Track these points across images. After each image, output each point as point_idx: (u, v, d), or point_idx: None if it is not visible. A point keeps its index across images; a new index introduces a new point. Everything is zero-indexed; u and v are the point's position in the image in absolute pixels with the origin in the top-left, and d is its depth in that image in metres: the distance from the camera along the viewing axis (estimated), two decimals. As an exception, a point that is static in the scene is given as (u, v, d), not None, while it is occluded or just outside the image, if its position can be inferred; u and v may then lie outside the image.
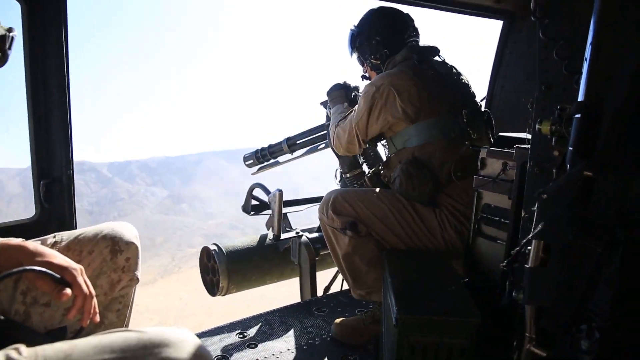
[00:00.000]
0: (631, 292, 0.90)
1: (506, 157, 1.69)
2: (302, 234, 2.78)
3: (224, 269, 2.62)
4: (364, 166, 2.64)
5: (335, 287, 2.92)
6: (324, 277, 2.91)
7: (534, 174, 1.38)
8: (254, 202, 2.93)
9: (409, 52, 2.16)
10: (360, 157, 2.64)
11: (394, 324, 1.45)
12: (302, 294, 2.82)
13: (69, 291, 1.06)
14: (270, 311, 2.51)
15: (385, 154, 2.19)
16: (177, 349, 0.84)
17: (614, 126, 0.99)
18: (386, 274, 1.79)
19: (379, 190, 2.13)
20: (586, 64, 1.04)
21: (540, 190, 1.04)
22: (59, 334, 1.31)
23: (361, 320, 2.19)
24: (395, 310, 1.45)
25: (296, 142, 2.78)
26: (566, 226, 0.98)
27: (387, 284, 1.71)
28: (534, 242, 1.07)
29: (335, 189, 2.20)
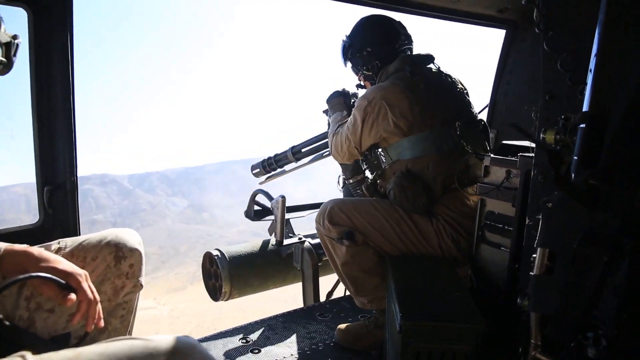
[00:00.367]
0: (637, 300, 0.91)
1: (510, 165, 1.71)
2: (304, 239, 2.79)
3: (226, 274, 2.62)
4: (367, 172, 2.65)
5: (338, 293, 2.92)
6: (326, 282, 2.91)
7: (538, 182, 1.39)
8: (256, 208, 2.94)
9: (401, 62, 2.14)
10: (362, 164, 2.65)
11: (398, 331, 1.45)
12: (304, 299, 2.82)
13: (73, 296, 1.07)
14: (273, 316, 2.52)
15: (382, 162, 2.19)
16: (183, 357, 0.84)
17: (618, 135, 1.00)
18: (390, 280, 1.80)
19: (376, 199, 2.13)
20: (591, 75, 1.06)
21: (545, 198, 1.06)
22: (63, 340, 1.31)
23: (364, 325, 2.19)
24: (399, 316, 1.46)
25: (301, 150, 2.80)
26: (571, 234, 0.99)
27: (391, 290, 1.71)
28: (539, 250, 1.08)
29: (331, 199, 2.19)
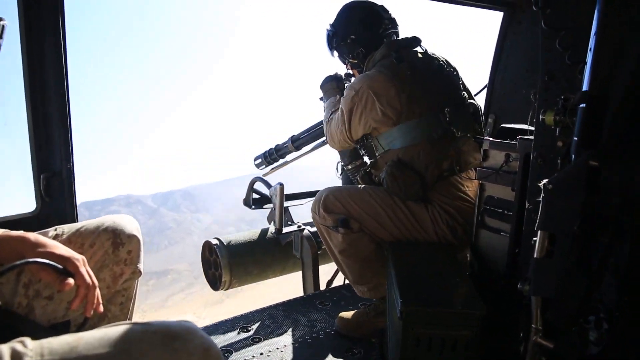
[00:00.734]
0: (638, 281, 0.90)
1: (509, 149, 1.69)
2: (304, 227, 2.78)
3: (225, 263, 2.62)
4: (365, 158, 2.63)
5: (338, 281, 2.92)
6: (327, 270, 2.91)
7: (537, 165, 1.37)
8: (255, 196, 2.93)
9: (387, 48, 2.11)
10: (360, 149, 2.63)
11: (399, 317, 1.45)
12: (304, 287, 2.82)
13: (71, 281, 1.06)
14: (273, 305, 2.52)
15: (375, 152, 2.17)
16: (184, 341, 0.83)
17: (618, 115, 0.99)
18: (390, 267, 1.79)
19: (371, 187, 2.12)
20: (590, 54, 1.04)
21: (545, 180, 1.04)
22: (63, 328, 1.31)
23: (365, 313, 2.19)
24: (399, 302, 1.46)
25: (300, 139, 2.79)
26: (572, 216, 0.98)
27: (391, 277, 1.71)
28: (539, 233, 1.07)
29: (326, 187, 2.18)
